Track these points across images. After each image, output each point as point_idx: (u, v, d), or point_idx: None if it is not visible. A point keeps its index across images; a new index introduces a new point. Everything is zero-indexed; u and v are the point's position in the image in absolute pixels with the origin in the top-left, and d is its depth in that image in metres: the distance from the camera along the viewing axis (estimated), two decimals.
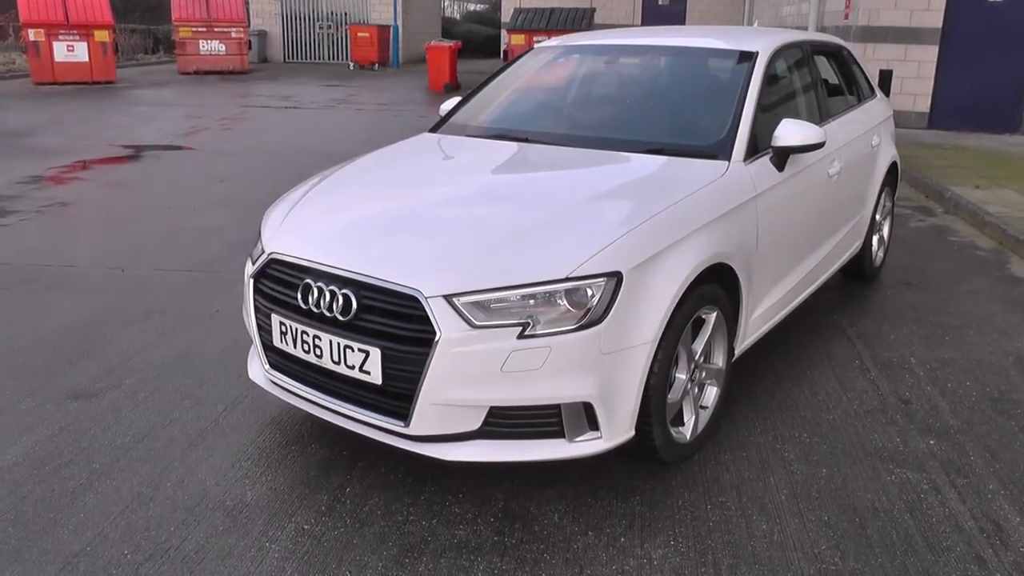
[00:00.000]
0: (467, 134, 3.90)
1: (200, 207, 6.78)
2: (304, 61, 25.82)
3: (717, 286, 2.96)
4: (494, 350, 2.45)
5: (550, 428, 2.56)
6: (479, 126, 3.95)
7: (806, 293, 4.00)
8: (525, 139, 3.68)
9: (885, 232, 5.31)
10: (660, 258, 2.68)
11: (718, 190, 3.08)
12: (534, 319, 2.48)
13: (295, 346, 2.76)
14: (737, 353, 3.30)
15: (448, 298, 2.47)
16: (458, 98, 4.36)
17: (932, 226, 6.75)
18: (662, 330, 2.63)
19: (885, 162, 4.92)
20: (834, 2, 12.67)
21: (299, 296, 2.72)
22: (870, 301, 4.84)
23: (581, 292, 2.51)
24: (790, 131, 3.38)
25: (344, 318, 2.61)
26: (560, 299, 2.50)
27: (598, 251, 2.57)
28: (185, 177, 8.04)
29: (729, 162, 3.25)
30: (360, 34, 22.64)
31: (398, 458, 2.95)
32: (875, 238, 5.05)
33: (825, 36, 4.96)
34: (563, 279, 2.50)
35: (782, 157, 3.45)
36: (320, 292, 2.66)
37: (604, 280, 2.53)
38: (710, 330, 3.00)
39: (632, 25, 22.49)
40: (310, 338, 2.69)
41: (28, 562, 2.44)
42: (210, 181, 7.84)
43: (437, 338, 2.45)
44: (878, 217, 5.02)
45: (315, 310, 2.67)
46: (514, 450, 2.57)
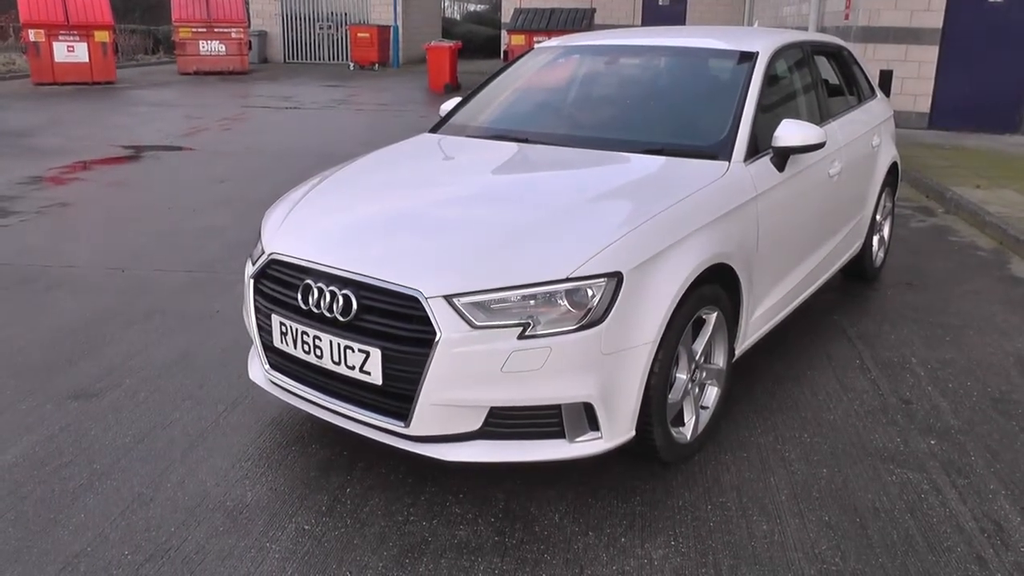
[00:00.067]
0: (467, 134, 3.90)
1: (200, 207, 6.78)
2: (304, 61, 25.83)
3: (717, 286, 2.96)
4: (494, 350, 2.45)
5: (551, 428, 2.56)
6: (479, 126, 3.95)
7: (806, 293, 4.00)
8: (525, 139, 3.68)
9: (885, 232, 5.31)
10: (661, 258, 2.68)
11: (718, 190, 3.08)
12: (534, 319, 2.48)
13: (295, 347, 2.76)
14: (738, 353, 3.30)
15: (448, 298, 2.47)
16: (458, 98, 4.36)
17: (932, 226, 6.75)
18: (663, 330, 2.63)
19: (885, 162, 4.92)
20: (834, 2, 12.67)
21: (299, 297, 2.72)
22: (870, 301, 4.84)
23: (581, 292, 2.51)
24: (790, 131, 3.38)
25: (344, 318, 2.61)
26: (560, 299, 2.50)
27: (598, 251, 2.57)
28: (185, 178, 8.04)
29: (729, 162, 3.25)
30: (360, 34, 22.66)
31: (398, 458, 2.95)
32: (875, 238, 5.05)
33: (825, 36, 4.96)
34: (563, 279, 2.50)
35: (782, 157, 3.45)
36: (320, 292, 2.66)
37: (604, 280, 2.53)
38: (710, 330, 3.00)
39: (632, 25, 22.48)
40: (310, 339, 2.69)
41: (28, 562, 2.44)
42: (210, 182, 7.84)
43: (437, 338, 2.45)
44: (878, 217, 5.02)
45: (315, 311, 2.67)
46: (515, 450, 2.57)
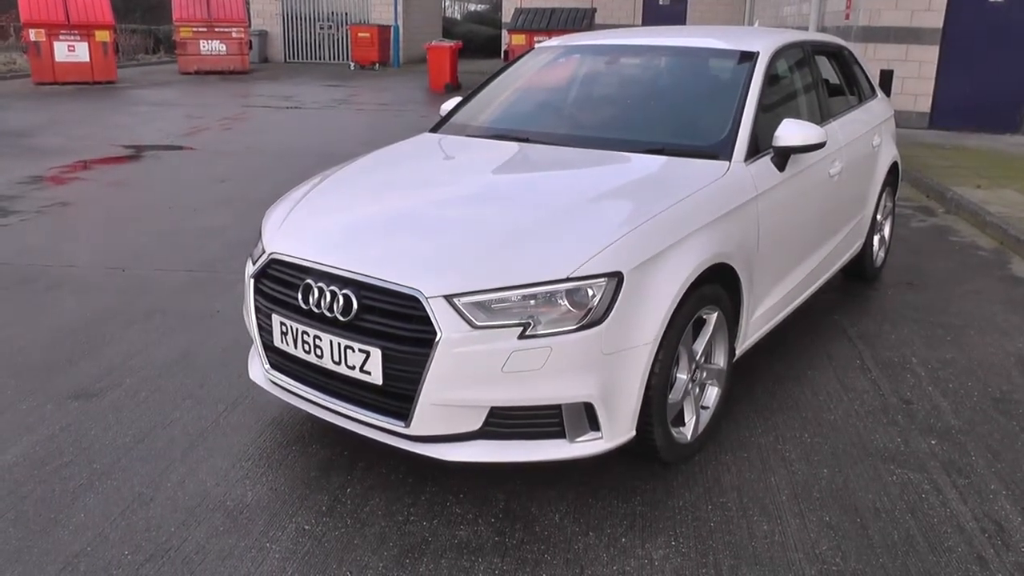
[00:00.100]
0: (468, 134, 3.90)
1: (201, 207, 6.78)
2: (305, 61, 25.84)
3: (718, 286, 2.96)
4: (495, 350, 2.45)
5: (551, 428, 2.56)
6: (480, 126, 3.94)
7: (807, 293, 3.99)
8: (526, 139, 3.68)
9: (886, 232, 5.30)
10: (661, 258, 2.67)
11: (719, 190, 3.08)
12: (535, 319, 2.47)
13: (296, 346, 2.76)
14: (738, 353, 3.30)
15: (449, 298, 2.47)
16: (459, 98, 4.36)
17: (933, 226, 6.74)
18: (663, 330, 2.63)
19: (886, 162, 4.91)
20: (835, 2, 12.66)
21: (299, 296, 2.72)
22: (871, 301, 4.84)
23: (582, 292, 2.51)
24: (791, 131, 3.38)
25: (344, 318, 2.61)
26: (561, 299, 2.50)
27: (599, 251, 2.57)
28: (186, 177, 8.04)
29: (730, 162, 3.24)
30: (361, 34, 22.67)
31: (399, 458, 2.95)
32: (876, 238, 5.05)
33: (826, 36, 4.96)
34: (564, 279, 2.50)
35: (783, 157, 3.45)
36: (321, 292, 2.66)
37: (605, 280, 2.53)
38: (711, 330, 3.00)
39: (633, 25, 22.47)
40: (310, 338, 2.69)
41: (28, 562, 2.44)
42: (211, 181, 7.84)
43: (438, 338, 2.45)
44: (879, 217, 5.01)
45: (315, 310, 2.67)
46: (515, 450, 2.57)
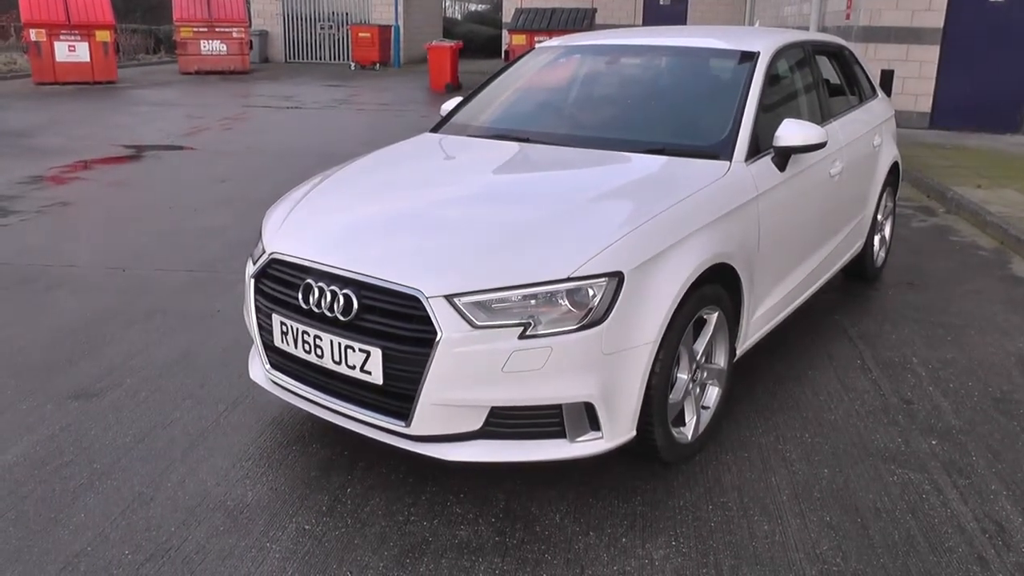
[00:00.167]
0: (468, 134, 3.90)
1: (201, 207, 6.78)
2: (305, 61, 25.84)
3: (719, 286, 2.96)
4: (495, 350, 2.45)
5: (551, 428, 2.56)
6: (480, 126, 3.94)
7: (808, 293, 3.99)
8: (526, 139, 3.68)
9: (887, 232, 5.30)
10: (662, 258, 2.67)
11: (720, 190, 3.08)
12: (535, 319, 2.47)
13: (296, 346, 2.76)
14: (739, 353, 3.30)
15: (449, 298, 2.47)
16: (459, 98, 4.36)
17: (934, 226, 6.74)
18: (663, 330, 2.63)
19: (887, 162, 4.91)
20: (835, 2, 12.66)
21: (300, 296, 2.72)
22: (872, 301, 4.83)
23: (582, 292, 2.51)
24: (792, 131, 3.38)
25: (345, 318, 2.61)
26: (561, 299, 2.50)
27: (599, 251, 2.56)
28: (186, 177, 8.04)
29: (731, 162, 3.24)
30: (361, 34, 22.67)
31: (399, 458, 2.95)
32: (877, 238, 5.05)
33: (826, 36, 4.96)
34: (564, 279, 2.50)
35: (784, 157, 3.45)
36: (321, 292, 2.66)
37: (605, 280, 2.53)
38: (711, 330, 3.00)
39: (633, 25, 22.47)
40: (311, 338, 2.69)
41: (29, 562, 2.44)
42: (211, 181, 7.84)
43: (438, 338, 2.44)
44: (880, 217, 5.01)
45: (316, 310, 2.67)
46: (515, 450, 2.57)
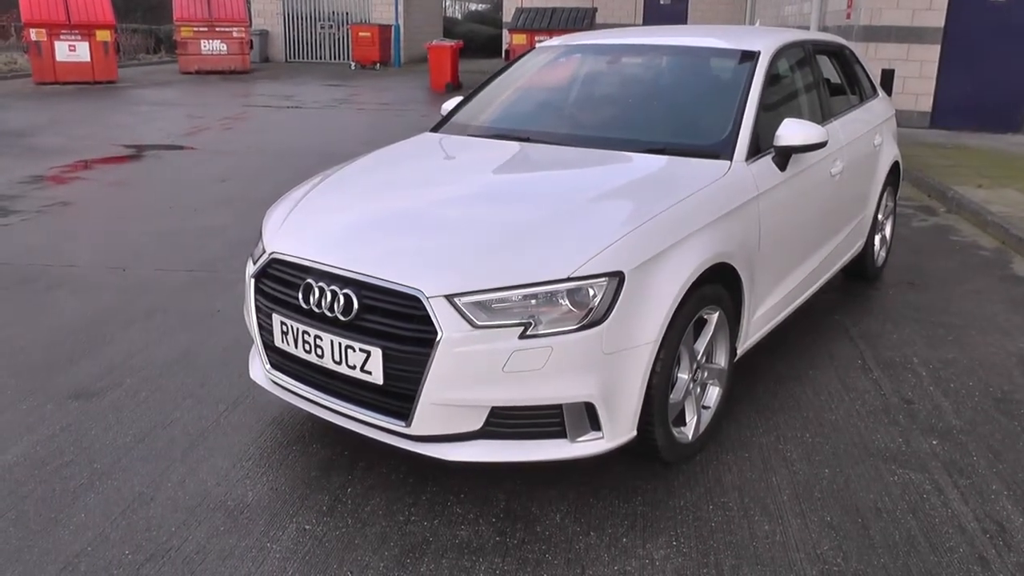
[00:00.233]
0: (469, 134, 3.89)
1: (201, 207, 6.78)
2: (306, 61, 25.83)
3: (719, 286, 2.96)
4: (496, 350, 2.45)
5: (552, 428, 2.56)
6: (481, 126, 3.94)
7: (808, 293, 3.99)
8: (527, 139, 3.67)
9: (887, 232, 5.30)
10: (662, 258, 2.67)
11: (720, 190, 3.08)
12: (536, 319, 2.47)
13: (296, 346, 2.75)
14: (739, 353, 3.29)
15: (449, 298, 2.47)
16: (459, 98, 4.35)
17: (934, 226, 6.74)
18: (664, 330, 2.63)
19: (887, 162, 4.91)
20: (836, 1, 12.65)
21: (300, 296, 2.72)
22: (872, 301, 4.83)
23: (583, 292, 2.51)
24: (792, 130, 3.38)
25: (345, 318, 2.60)
26: (562, 299, 2.50)
27: (600, 251, 2.56)
28: (186, 177, 8.04)
29: (731, 162, 3.24)
30: (362, 34, 22.68)
31: (399, 458, 2.95)
32: (877, 238, 5.04)
33: (827, 35, 4.95)
34: (565, 279, 2.50)
35: (784, 157, 3.45)
36: (321, 292, 2.66)
37: (606, 280, 2.52)
38: (712, 330, 2.99)
39: (634, 25, 22.47)
40: (311, 338, 2.69)
41: (29, 562, 2.43)
42: (211, 181, 7.84)
43: (438, 338, 2.44)
44: (880, 217, 5.01)
45: (316, 310, 2.67)
46: (516, 450, 2.57)
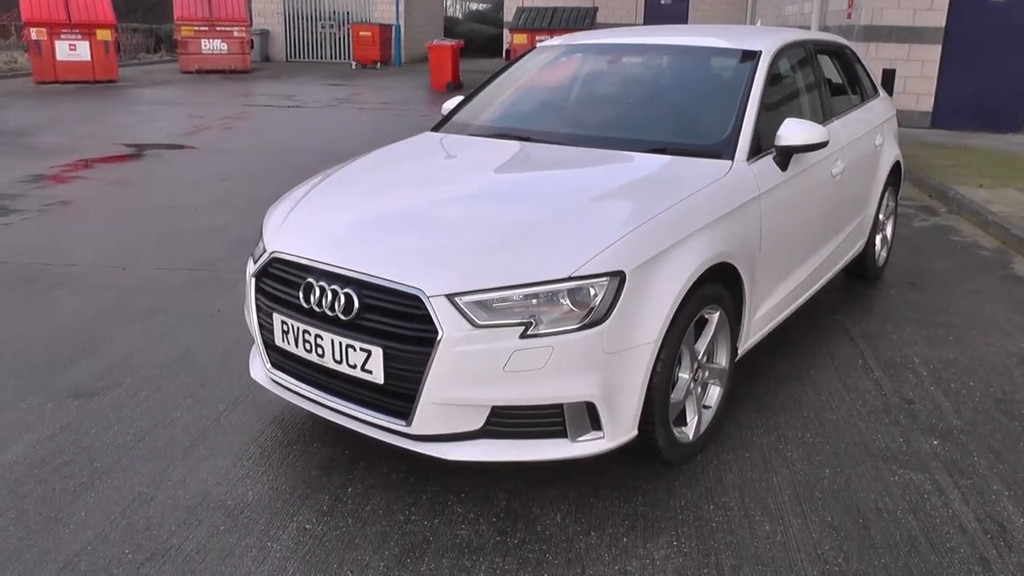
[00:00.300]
0: (469, 133, 3.89)
1: (202, 206, 6.78)
2: (306, 60, 25.84)
3: (720, 286, 2.96)
4: (496, 350, 2.45)
5: (553, 428, 2.56)
6: (481, 125, 3.94)
7: (809, 293, 3.98)
8: (527, 138, 3.67)
9: (888, 232, 5.29)
10: (663, 258, 2.67)
11: (721, 189, 3.07)
12: (537, 319, 2.47)
13: (297, 345, 2.75)
14: (740, 353, 3.29)
15: (450, 297, 2.47)
16: (460, 97, 4.35)
17: (935, 226, 6.73)
18: (665, 330, 2.62)
19: (888, 161, 4.91)
20: (837, 1, 12.65)
21: (301, 295, 2.72)
22: (873, 301, 4.83)
23: (584, 292, 2.51)
24: (793, 130, 3.37)
25: (346, 317, 2.60)
26: (563, 299, 2.50)
27: (601, 251, 2.56)
28: (187, 176, 8.04)
29: (732, 161, 3.24)
30: (362, 33, 22.68)
31: (400, 457, 2.94)
32: (878, 238, 5.04)
33: (828, 35, 4.95)
34: (566, 278, 2.49)
35: (785, 156, 3.44)
36: (322, 291, 2.65)
37: (607, 280, 2.52)
38: (713, 330, 2.99)
39: (634, 24, 22.47)
40: (312, 337, 2.68)
41: (29, 561, 2.43)
42: (212, 180, 7.84)
43: (439, 337, 2.44)
44: (881, 217, 5.00)
45: (317, 309, 2.67)
46: (516, 450, 2.56)
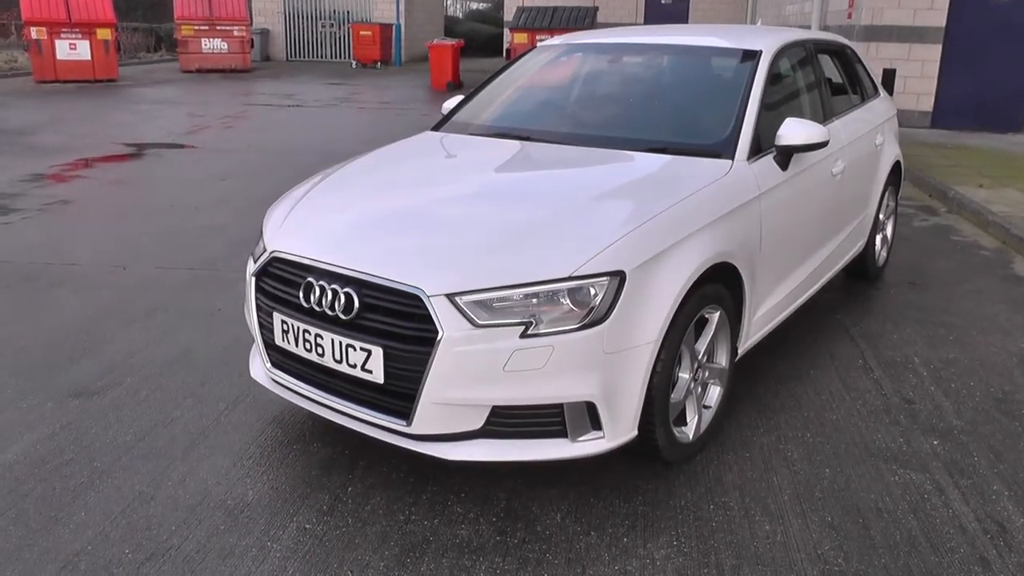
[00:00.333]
0: (470, 133, 3.89)
1: (202, 205, 6.78)
2: (307, 59, 25.83)
3: (720, 285, 2.95)
4: (497, 349, 2.45)
5: (553, 428, 2.56)
6: (482, 125, 3.94)
7: (809, 292, 3.98)
8: (528, 138, 3.67)
9: (888, 231, 5.29)
10: (663, 257, 2.67)
11: (721, 189, 3.07)
12: (537, 318, 2.47)
13: (297, 345, 2.75)
14: (740, 352, 3.29)
15: (451, 297, 2.46)
16: (460, 97, 4.35)
17: (935, 225, 6.73)
18: (665, 329, 2.62)
19: (888, 161, 4.90)
20: (837, 1, 12.64)
21: (301, 295, 2.72)
22: (873, 301, 4.83)
23: (584, 291, 2.50)
24: (794, 130, 3.37)
25: (346, 317, 2.60)
26: (563, 298, 2.49)
27: (601, 250, 2.56)
28: (187, 175, 8.04)
29: (733, 161, 3.23)
30: (363, 32, 22.66)
31: (400, 457, 2.94)
32: (878, 237, 5.04)
33: (828, 35, 4.95)
34: (566, 278, 2.49)
35: (786, 156, 3.44)
36: (322, 291, 2.65)
37: (607, 279, 2.52)
38: (713, 329, 2.99)
39: (635, 24, 22.46)
40: (312, 337, 2.68)
41: (29, 561, 2.43)
42: (212, 179, 7.84)
43: (439, 337, 2.44)
44: (881, 216, 5.00)
45: (317, 309, 2.67)
46: (516, 450, 2.56)
